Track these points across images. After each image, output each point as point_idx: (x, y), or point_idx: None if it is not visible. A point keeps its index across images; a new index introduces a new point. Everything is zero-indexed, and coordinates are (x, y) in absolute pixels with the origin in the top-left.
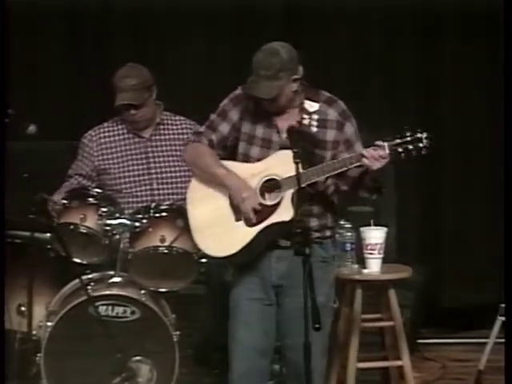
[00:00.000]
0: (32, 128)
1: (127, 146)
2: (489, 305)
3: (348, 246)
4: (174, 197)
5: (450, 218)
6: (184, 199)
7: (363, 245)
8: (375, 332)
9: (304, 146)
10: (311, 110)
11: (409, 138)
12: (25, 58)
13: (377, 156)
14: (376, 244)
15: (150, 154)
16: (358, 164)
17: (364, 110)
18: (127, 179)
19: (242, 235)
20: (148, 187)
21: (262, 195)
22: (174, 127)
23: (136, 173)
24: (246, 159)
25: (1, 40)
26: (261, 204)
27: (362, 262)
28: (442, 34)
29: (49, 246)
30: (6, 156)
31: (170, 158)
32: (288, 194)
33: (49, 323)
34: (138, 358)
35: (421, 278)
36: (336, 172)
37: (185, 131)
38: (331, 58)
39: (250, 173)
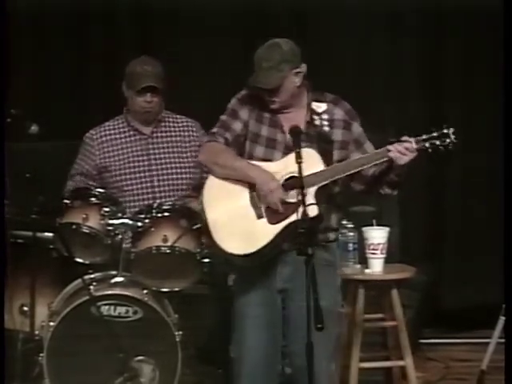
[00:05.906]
0: (34, 128)
1: (128, 143)
2: (492, 305)
3: (350, 246)
4: (174, 193)
5: (454, 218)
6: (185, 197)
7: (365, 245)
8: (378, 332)
9: (320, 145)
10: (319, 110)
11: (435, 134)
12: (27, 58)
13: (403, 150)
14: (378, 244)
15: (151, 151)
16: (383, 159)
17: (367, 111)
18: (128, 176)
19: (263, 233)
20: (149, 184)
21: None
22: (175, 125)
23: (137, 169)
24: (251, 158)
25: (3, 40)
26: (283, 201)
27: (364, 261)
28: (446, 34)
29: (51, 246)
30: (9, 156)
31: (171, 155)
32: (310, 191)
33: (51, 323)
34: (140, 357)
35: (424, 278)
36: (362, 168)
37: (185, 129)
38: (335, 58)
39: (271, 171)
